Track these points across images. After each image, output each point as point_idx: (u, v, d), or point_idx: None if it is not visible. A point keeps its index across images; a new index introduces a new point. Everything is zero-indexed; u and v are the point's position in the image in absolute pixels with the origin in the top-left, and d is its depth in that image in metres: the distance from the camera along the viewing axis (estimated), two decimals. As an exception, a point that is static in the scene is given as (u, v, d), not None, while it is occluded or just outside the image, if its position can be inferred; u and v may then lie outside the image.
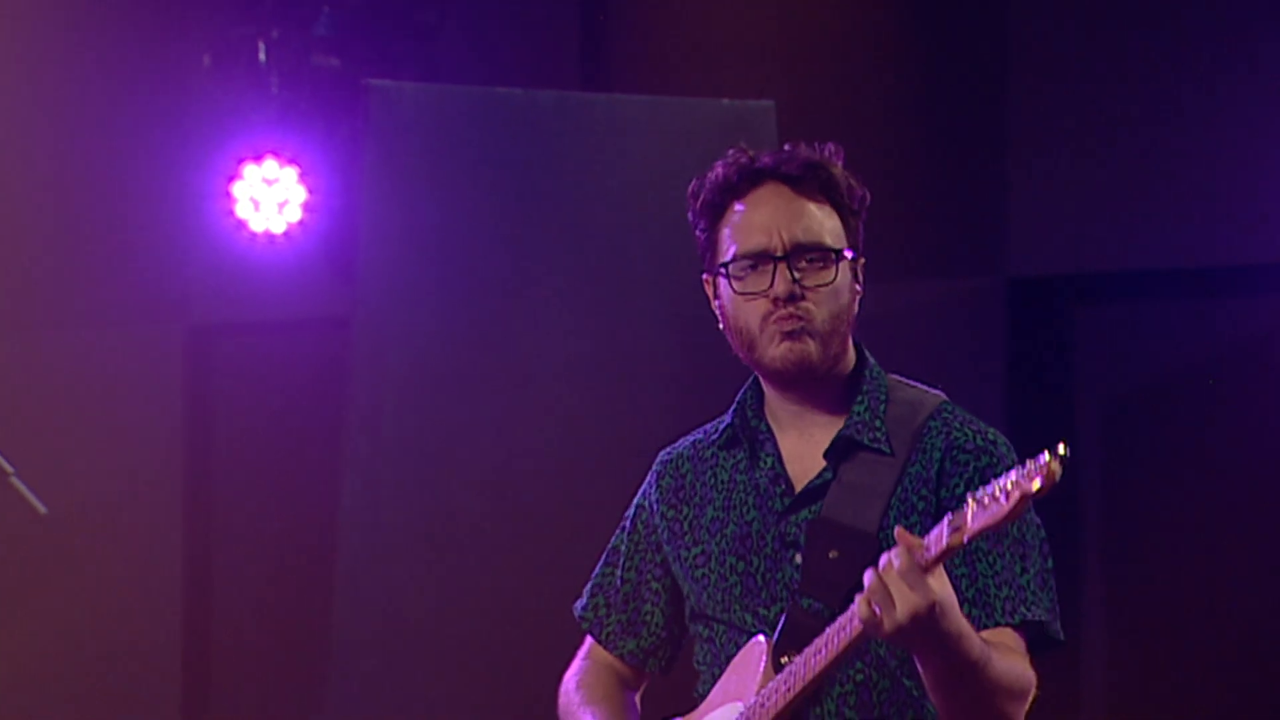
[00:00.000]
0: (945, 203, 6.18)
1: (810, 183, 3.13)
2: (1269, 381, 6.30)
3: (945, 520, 2.79)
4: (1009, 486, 2.73)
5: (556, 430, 5.81)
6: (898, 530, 2.85)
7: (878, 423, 3.17)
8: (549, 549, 4.90)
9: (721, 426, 3.29)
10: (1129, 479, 6.48)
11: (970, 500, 2.78)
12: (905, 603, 2.80)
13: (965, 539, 2.77)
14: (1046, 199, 6.63)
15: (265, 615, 7.02)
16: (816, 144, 3.21)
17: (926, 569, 2.80)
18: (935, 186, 3.34)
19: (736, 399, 3.23)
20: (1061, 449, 2.69)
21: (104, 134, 6.79)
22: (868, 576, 2.84)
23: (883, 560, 2.83)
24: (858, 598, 2.86)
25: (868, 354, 3.25)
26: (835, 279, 3.10)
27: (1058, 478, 2.70)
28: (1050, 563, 3.15)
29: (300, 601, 6.61)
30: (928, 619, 2.82)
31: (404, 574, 5.83)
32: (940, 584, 2.83)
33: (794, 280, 3.09)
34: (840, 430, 3.16)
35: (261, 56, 6.43)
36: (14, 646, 6.54)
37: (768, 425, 3.23)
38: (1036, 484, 2.70)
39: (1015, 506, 2.72)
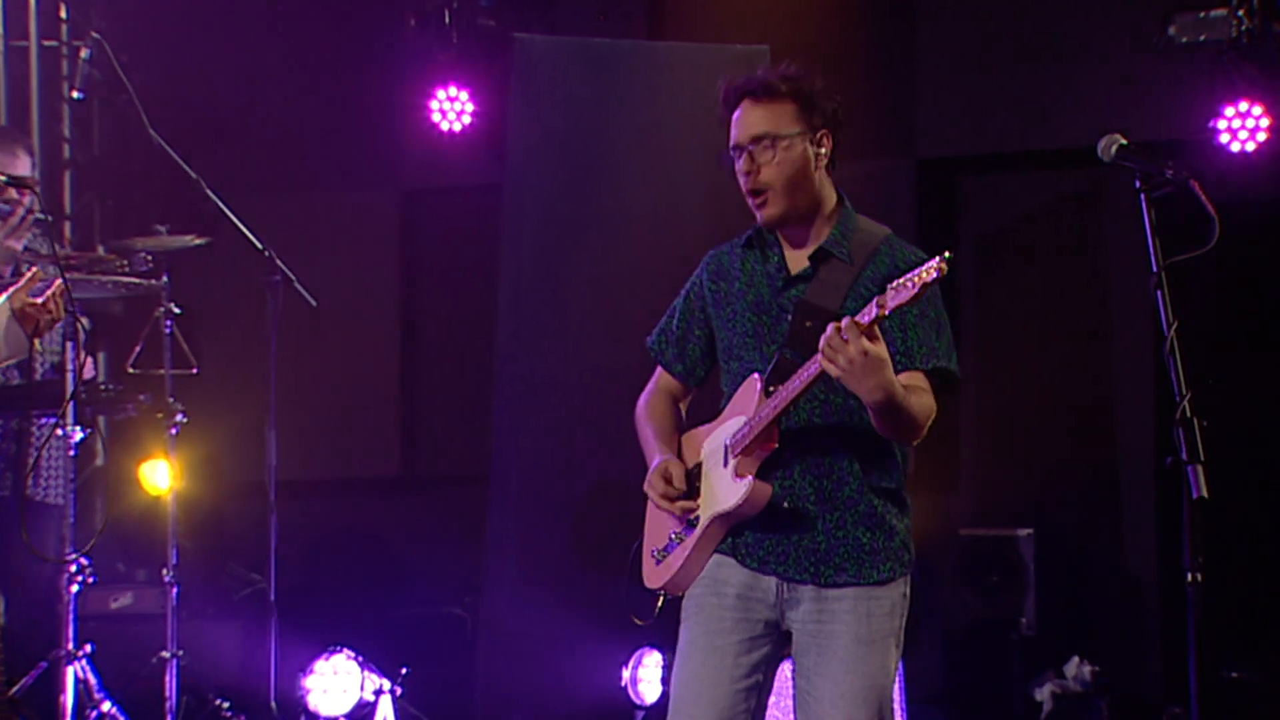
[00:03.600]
0: (868, 101, 6.05)
1: (764, 93, 3.58)
2: (1097, 227, 7.31)
3: (874, 300, 3.19)
4: (914, 277, 3.09)
5: (640, 253, 6.32)
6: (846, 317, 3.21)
7: (845, 242, 3.59)
8: (640, 323, 4.33)
9: (745, 235, 3.73)
10: (993, 293, 7.50)
11: (889, 286, 3.15)
12: (851, 347, 3.18)
13: (887, 311, 3.15)
14: (946, 100, 7.42)
15: (450, 369, 7.98)
16: (785, 65, 3.62)
17: (862, 332, 3.19)
18: (861, 91, 3.87)
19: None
20: (947, 254, 3.09)
21: (355, 70, 7.68)
22: (828, 330, 3.22)
23: (835, 323, 3.23)
24: (821, 343, 3.22)
25: (846, 200, 3.66)
26: (776, 155, 3.53)
27: (945, 273, 3.06)
28: (951, 336, 3.60)
29: (475, 360, 7.25)
30: (863, 364, 3.18)
31: (541, 345, 6.47)
32: (877, 347, 3.19)
33: (752, 159, 3.57)
34: (821, 244, 3.59)
35: (446, 20, 7.26)
36: (298, 388, 6.96)
37: (776, 237, 3.65)
38: (932, 275, 3.07)
39: (919, 290, 3.08)
